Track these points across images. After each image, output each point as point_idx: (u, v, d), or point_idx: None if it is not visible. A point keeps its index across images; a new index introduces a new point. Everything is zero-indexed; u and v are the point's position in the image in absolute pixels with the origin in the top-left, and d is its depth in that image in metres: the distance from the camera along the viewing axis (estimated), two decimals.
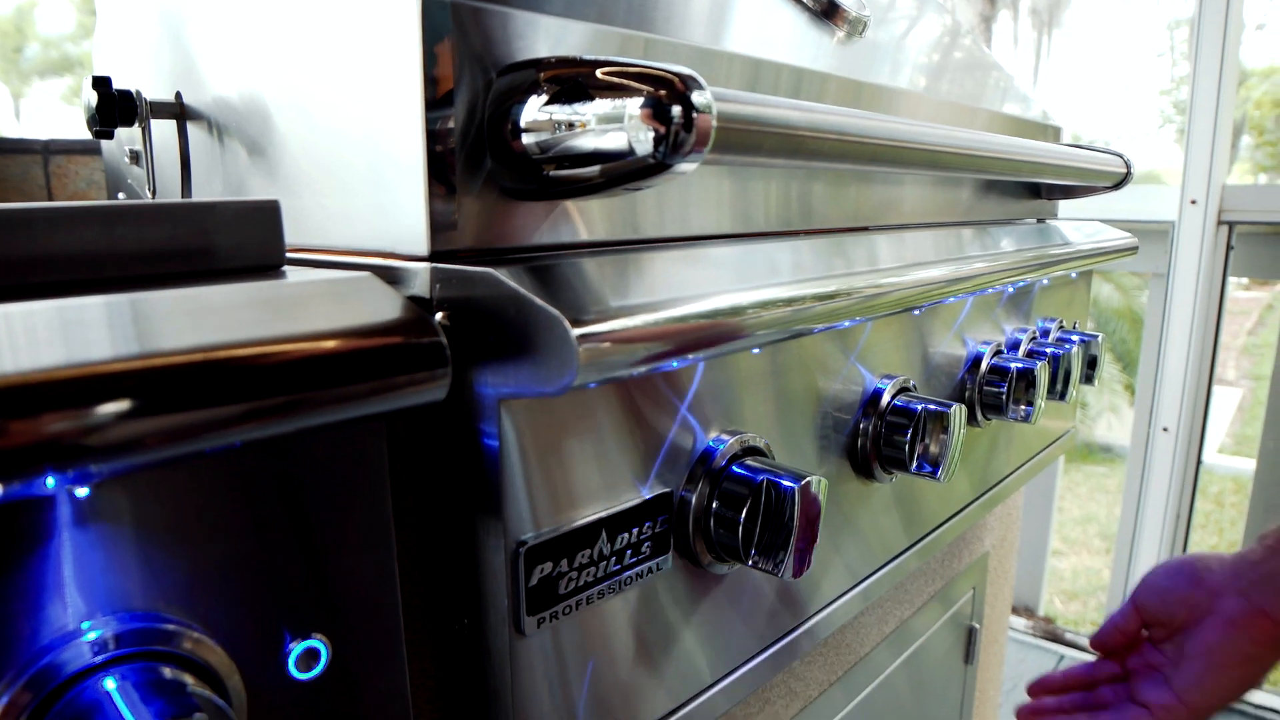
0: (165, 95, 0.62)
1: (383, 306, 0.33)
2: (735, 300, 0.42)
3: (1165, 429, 1.86)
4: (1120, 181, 0.93)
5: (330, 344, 0.29)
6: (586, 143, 0.38)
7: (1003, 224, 0.86)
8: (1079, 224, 0.97)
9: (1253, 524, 2.07)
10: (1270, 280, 1.94)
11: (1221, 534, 3.83)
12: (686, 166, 0.36)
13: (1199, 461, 1.93)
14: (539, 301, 0.35)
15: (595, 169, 0.39)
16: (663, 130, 0.35)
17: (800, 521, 0.44)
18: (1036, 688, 0.69)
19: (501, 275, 0.37)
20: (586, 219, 0.46)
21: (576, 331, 0.33)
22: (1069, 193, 0.95)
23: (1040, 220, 0.96)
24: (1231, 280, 1.89)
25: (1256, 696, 2.10)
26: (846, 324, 0.53)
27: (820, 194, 0.62)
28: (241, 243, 0.39)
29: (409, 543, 0.43)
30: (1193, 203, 1.76)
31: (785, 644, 0.62)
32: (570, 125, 0.38)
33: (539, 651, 0.41)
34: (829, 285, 0.49)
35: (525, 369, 0.36)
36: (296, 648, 0.35)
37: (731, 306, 0.41)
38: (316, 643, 0.36)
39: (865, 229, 0.67)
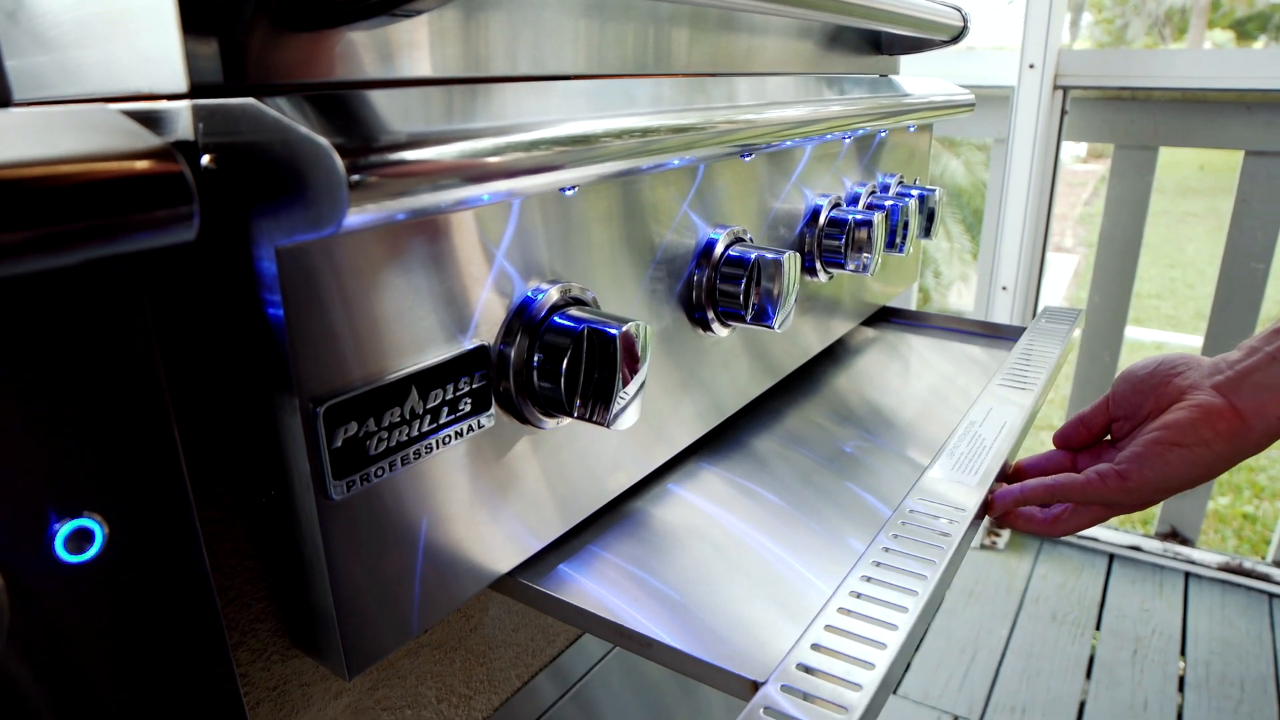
0: None
1: (113, 137, 0.28)
2: (556, 132, 0.39)
3: (1004, 288, 1.97)
4: (958, 35, 0.93)
5: (37, 171, 0.25)
6: None
7: (849, 77, 0.86)
8: (920, 79, 0.97)
9: (1080, 373, 2.24)
10: (1100, 143, 2.03)
11: (1055, 388, 4.16)
12: None
13: (1034, 317, 2.06)
14: (303, 130, 0.31)
15: None
16: None
17: (625, 369, 0.43)
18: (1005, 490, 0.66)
19: (264, 105, 0.32)
20: (419, 54, 0.42)
21: (346, 162, 0.30)
22: (908, 46, 0.95)
23: (882, 76, 0.96)
24: (1070, 155, 1.98)
25: (1118, 536, 2.30)
26: (682, 159, 0.51)
27: (680, 39, 0.59)
28: None
29: (208, 415, 0.39)
30: (1031, 67, 1.82)
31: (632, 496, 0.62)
32: None
33: (353, 516, 0.39)
34: (689, 117, 0.48)
35: (299, 211, 0.32)
36: (64, 529, 0.32)
37: (538, 139, 0.38)
38: (89, 522, 0.33)
39: (723, 75, 0.65)
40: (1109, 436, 0.67)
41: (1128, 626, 2.01)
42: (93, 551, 0.33)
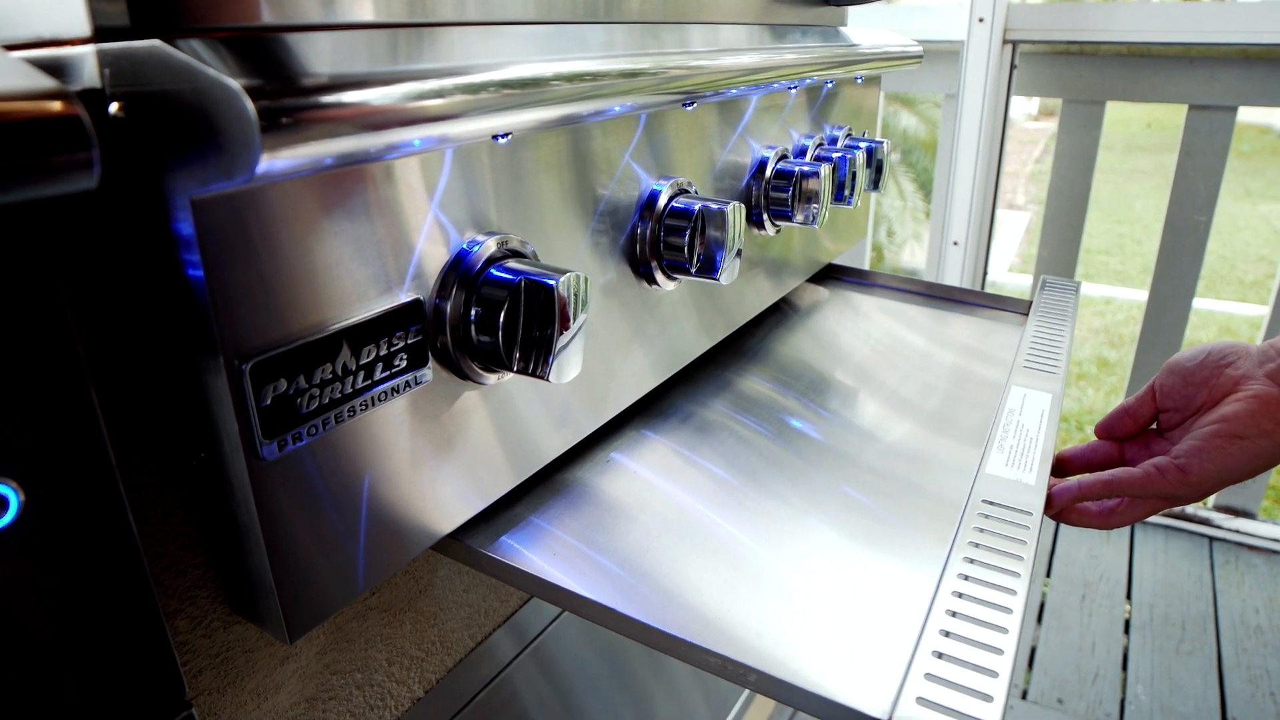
0: None
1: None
2: (487, 76, 0.38)
3: (955, 243, 1.99)
4: None
5: None
6: None
7: (798, 27, 0.85)
8: (869, 30, 0.96)
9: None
10: (1049, 98, 2.05)
11: None
12: None
13: (985, 272, 2.08)
14: (211, 72, 0.29)
15: None
16: None
17: (564, 321, 0.43)
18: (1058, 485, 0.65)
19: (170, 48, 0.31)
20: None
21: (259, 105, 0.29)
22: None
23: (830, 27, 0.95)
24: (1022, 113, 1.98)
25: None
26: (623, 107, 0.50)
27: None
28: None
29: (136, 375, 0.38)
30: (980, 21, 1.82)
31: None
32: None
33: (286, 476, 0.38)
34: (643, 61, 0.47)
35: (211, 159, 0.31)
36: None
37: (465, 84, 0.37)
38: (2, 489, 0.31)
39: (674, 23, 0.63)
40: (1154, 426, 0.67)
41: (1077, 572, 2.07)
42: (7, 519, 0.32)
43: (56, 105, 0.26)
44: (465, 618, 0.65)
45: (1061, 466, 0.69)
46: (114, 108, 0.34)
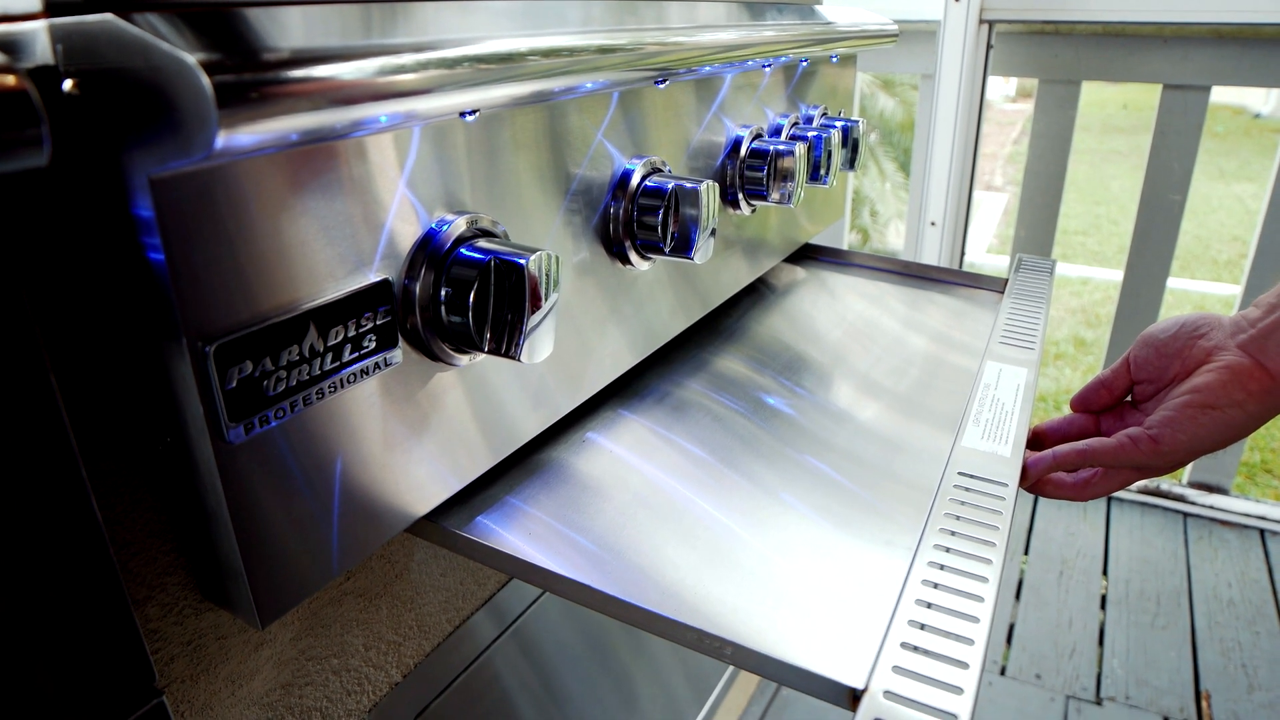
0: None
1: None
2: (452, 52, 0.37)
3: (933, 223, 1.99)
4: None
5: None
6: None
7: (774, 4, 0.84)
8: (845, 8, 0.96)
9: None
10: (1025, 77, 2.05)
11: None
12: None
13: (963, 252, 2.09)
14: (166, 47, 0.29)
15: None
16: None
17: (534, 300, 0.42)
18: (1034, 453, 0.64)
19: (124, 22, 0.30)
20: None
21: (215, 80, 0.28)
22: None
23: (806, 5, 0.95)
24: (1000, 95, 1.98)
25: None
26: (595, 83, 0.50)
27: None
28: None
29: (96, 363, 0.37)
30: (956, 0, 1.82)
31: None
32: None
33: (254, 460, 0.37)
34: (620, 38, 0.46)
35: (168, 136, 0.30)
36: None
37: (429, 59, 0.36)
38: None
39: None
40: (1129, 399, 0.67)
41: (1054, 550, 2.09)
42: None
43: (5, 80, 0.25)
44: (443, 601, 0.64)
45: (1037, 440, 0.70)
46: (68, 85, 0.33)
